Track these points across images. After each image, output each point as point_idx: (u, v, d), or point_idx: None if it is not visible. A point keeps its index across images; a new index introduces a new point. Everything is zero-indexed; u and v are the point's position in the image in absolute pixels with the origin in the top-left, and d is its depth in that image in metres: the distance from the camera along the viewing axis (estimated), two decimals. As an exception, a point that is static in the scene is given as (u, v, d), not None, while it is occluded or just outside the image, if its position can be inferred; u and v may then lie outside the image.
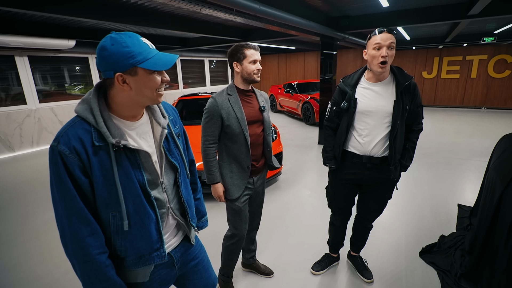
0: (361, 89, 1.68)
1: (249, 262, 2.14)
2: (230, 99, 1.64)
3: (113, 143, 0.83)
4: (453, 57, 9.48)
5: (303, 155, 5.13)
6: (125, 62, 0.80)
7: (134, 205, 0.90)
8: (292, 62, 12.42)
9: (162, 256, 0.98)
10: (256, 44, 1.63)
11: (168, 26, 4.49)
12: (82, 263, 0.84)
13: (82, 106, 0.85)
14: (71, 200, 0.81)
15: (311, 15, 4.25)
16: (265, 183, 1.95)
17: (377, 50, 1.52)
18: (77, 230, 0.82)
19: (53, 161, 0.80)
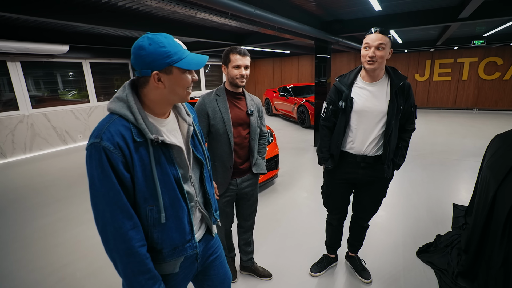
0: (357, 88, 1.70)
1: (247, 264, 2.14)
2: (217, 100, 1.71)
3: (152, 139, 0.87)
4: (445, 60, 9.66)
5: (299, 158, 5.14)
6: (162, 61, 0.84)
7: (170, 198, 0.94)
8: (287, 66, 12.51)
9: (194, 246, 1.03)
10: (244, 49, 1.66)
11: (163, 30, 4.48)
12: (124, 256, 0.86)
13: (118, 104, 0.88)
14: (115, 195, 0.84)
15: (305, 19, 4.30)
16: (256, 186, 1.94)
17: (366, 50, 1.56)
18: (121, 224, 0.84)
19: (95, 158, 0.82)
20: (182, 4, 2.42)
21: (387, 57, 1.57)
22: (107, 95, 7.62)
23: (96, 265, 2.36)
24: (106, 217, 0.85)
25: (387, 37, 1.53)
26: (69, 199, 3.69)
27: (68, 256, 2.49)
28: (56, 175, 4.71)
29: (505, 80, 9.00)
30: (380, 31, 1.53)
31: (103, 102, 7.45)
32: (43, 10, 3.09)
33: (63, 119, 6.55)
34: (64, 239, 2.77)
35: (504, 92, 9.11)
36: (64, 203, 3.56)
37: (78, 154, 6.02)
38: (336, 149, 1.77)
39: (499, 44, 8.40)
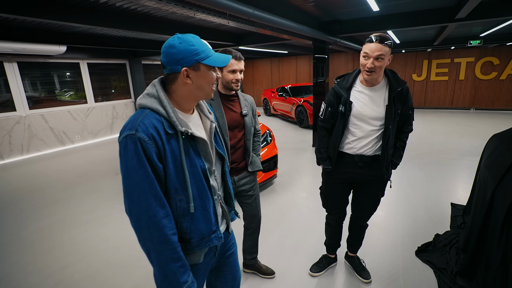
0: (355, 92, 1.70)
1: (251, 263, 2.16)
2: (212, 104, 1.69)
3: (182, 131, 0.93)
4: (442, 59, 9.71)
5: (298, 158, 5.15)
6: (191, 58, 0.91)
7: (198, 189, 0.99)
8: (285, 66, 12.52)
9: (219, 237, 1.08)
10: (239, 53, 1.65)
11: (160, 31, 4.48)
12: (158, 244, 0.89)
13: (149, 99, 0.94)
14: (150, 184, 0.88)
15: (303, 19, 4.30)
16: (254, 183, 1.94)
17: (365, 59, 1.54)
18: (155, 212, 0.88)
19: (131, 148, 0.86)
20: (180, 4, 2.42)
21: (386, 64, 1.55)
22: (105, 96, 7.59)
23: (95, 267, 2.35)
24: (141, 206, 0.88)
25: (387, 46, 1.49)
26: (67, 200, 3.67)
27: (67, 258, 2.48)
28: (53, 176, 4.69)
29: (502, 79, 9.07)
30: (380, 40, 1.47)
31: (100, 102, 7.42)
32: (39, 10, 3.07)
33: (61, 120, 6.52)
34: (62, 241, 2.75)
35: (500, 92, 9.18)
36: (62, 205, 3.54)
37: (76, 155, 6.00)
38: (334, 151, 1.78)
39: (495, 44, 8.46)
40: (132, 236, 2.75)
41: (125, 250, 2.56)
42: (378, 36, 1.50)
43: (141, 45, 6.35)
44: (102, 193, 3.87)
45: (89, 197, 3.75)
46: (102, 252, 2.55)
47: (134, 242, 2.66)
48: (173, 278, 0.93)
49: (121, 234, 2.82)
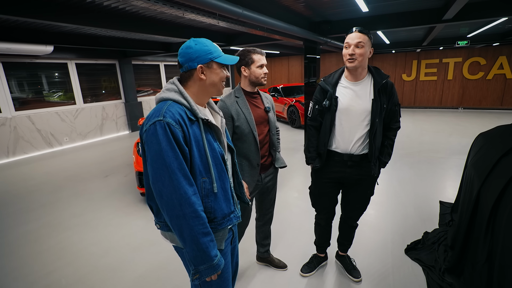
0: (341, 88, 1.73)
1: (264, 256, 2.24)
2: (238, 101, 1.74)
3: (202, 118, 1.05)
4: (430, 60, 9.88)
5: (290, 158, 5.16)
6: (205, 57, 1.06)
7: (218, 171, 1.09)
8: (277, 66, 12.54)
9: (237, 216, 1.18)
10: (261, 50, 1.71)
11: (150, 31, 4.43)
12: (191, 219, 0.96)
13: (171, 93, 1.05)
14: (180, 164, 0.96)
15: (294, 20, 4.31)
16: (276, 180, 2.04)
17: (346, 49, 1.61)
18: (186, 189, 0.96)
19: (160, 132, 0.94)
20: (169, 4, 2.39)
21: (368, 56, 1.62)
22: (95, 96, 7.46)
23: (83, 271, 2.30)
24: (172, 185, 0.95)
25: (367, 36, 1.58)
26: (54, 204, 3.59)
27: (53, 263, 2.42)
28: (40, 179, 4.58)
29: (488, 79, 9.27)
30: (359, 30, 1.58)
31: (90, 103, 7.29)
32: (23, 9, 2.99)
33: (48, 122, 6.38)
34: (49, 245, 2.69)
35: (487, 91, 9.39)
36: (49, 208, 3.46)
37: (64, 157, 5.87)
38: (323, 148, 1.79)
39: (482, 45, 8.66)
40: (121, 240, 2.71)
41: (114, 253, 2.51)
42: (358, 27, 1.60)
43: (131, 45, 6.26)
44: (91, 196, 3.80)
45: (78, 200, 3.67)
46: (90, 256, 2.50)
47: (122, 245, 2.62)
48: (205, 251, 0.99)
49: (110, 237, 2.77)
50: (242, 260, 2.33)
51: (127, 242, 2.66)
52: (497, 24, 5.93)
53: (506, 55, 8.87)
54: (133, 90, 8.22)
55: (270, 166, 1.92)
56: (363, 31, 1.58)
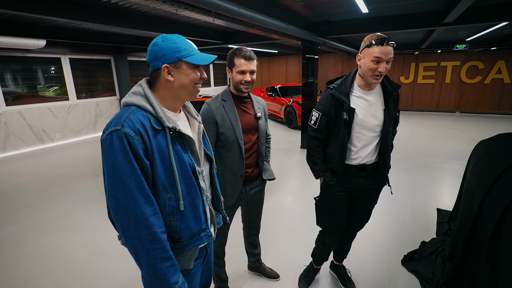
0: (354, 98, 1.58)
1: (255, 265, 2.16)
2: (224, 105, 1.60)
3: (169, 127, 0.93)
4: (428, 63, 9.85)
5: (286, 160, 5.08)
6: (172, 55, 0.93)
7: (187, 186, 0.98)
8: (275, 66, 12.44)
9: (209, 235, 1.07)
10: (250, 52, 1.54)
11: (144, 27, 4.31)
12: (147, 243, 0.86)
13: (136, 97, 0.94)
14: (137, 180, 0.85)
15: (292, 19, 4.22)
16: (263, 191, 1.92)
17: (376, 64, 1.41)
18: (143, 209, 0.85)
19: (117, 144, 0.84)
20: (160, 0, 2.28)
21: None
22: (89, 92, 7.32)
23: (66, 278, 2.20)
24: (128, 204, 0.85)
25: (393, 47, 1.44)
26: (41, 204, 3.47)
27: (35, 269, 2.31)
28: (29, 177, 4.45)
29: (486, 84, 9.27)
30: (388, 41, 1.39)
31: (83, 99, 7.14)
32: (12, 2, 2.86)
33: (40, 117, 6.22)
34: (32, 249, 2.58)
35: (484, 96, 9.39)
36: (35, 209, 3.35)
37: (56, 154, 5.74)
38: (339, 164, 1.62)
39: (480, 49, 8.64)
40: (108, 244, 2.60)
41: (100, 259, 2.41)
42: (387, 37, 1.39)
43: (127, 41, 6.13)
44: (80, 196, 3.69)
45: (65, 200, 3.56)
46: (75, 261, 2.40)
47: (109, 250, 2.52)
48: (163, 278, 0.89)
49: (96, 241, 2.66)
50: (233, 268, 2.25)
51: (114, 246, 2.56)
52: (496, 29, 5.89)
53: (504, 60, 8.87)
54: (128, 86, 8.07)
55: (257, 177, 1.79)
56: (392, 44, 1.41)
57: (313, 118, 1.66)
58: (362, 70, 1.48)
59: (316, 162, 1.69)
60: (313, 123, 1.66)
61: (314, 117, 1.66)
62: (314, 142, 1.69)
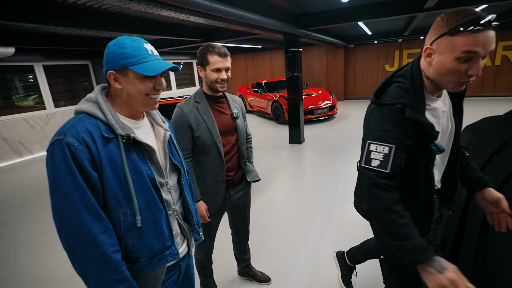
0: (429, 111, 1.02)
1: (245, 270, 2.10)
2: (198, 107, 1.50)
3: (122, 135, 0.85)
4: (412, 49, 9.90)
5: (275, 156, 5.00)
6: (118, 62, 0.85)
7: (145, 200, 0.89)
8: (260, 61, 12.31)
9: (174, 253, 0.97)
10: (224, 49, 1.44)
11: (118, 28, 4.12)
12: (96, 264, 0.78)
13: (87, 104, 0.87)
14: (81, 195, 0.77)
15: (271, 12, 4.10)
16: (249, 195, 1.84)
17: (464, 63, 0.86)
18: (89, 227, 0.77)
19: (58, 155, 0.77)
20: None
21: None
22: (70, 100, 7.04)
23: (45, 300, 2.06)
24: (72, 222, 0.77)
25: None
26: (20, 221, 3.29)
27: (12, 293, 2.17)
28: (6, 193, 4.23)
29: (468, 67, 9.38)
30: (493, 27, 0.82)
31: (62, 108, 6.87)
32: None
33: (15, 129, 5.94)
34: (10, 271, 2.43)
35: (467, 79, 9.50)
36: (13, 227, 3.17)
37: (35, 167, 5.50)
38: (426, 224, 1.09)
39: (461, 33, 8.70)
40: (91, 259, 2.47)
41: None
42: (484, 15, 0.82)
43: (104, 44, 5.90)
44: (61, 209, 3.52)
45: (46, 215, 3.38)
46: (55, 280, 2.26)
47: (92, 266, 2.39)
48: None
49: (78, 257, 2.53)
50: (223, 275, 2.16)
51: (97, 262, 2.43)
52: (476, 12, 5.92)
53: (484, 43, 8.98)
54: (109, 91, 7.83)
55: (240, 180, 1.70)
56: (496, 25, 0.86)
57: (377, 156, 0.98)
58: (437, 73, 0.94)
59: (404, 232, 0.90)
60: (378, 164, 0.97)
61: (379, 154, 0.97)
62: (387, 195, 0.95)
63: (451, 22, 0.86)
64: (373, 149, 0.99)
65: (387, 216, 0.93)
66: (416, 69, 1.02)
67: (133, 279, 0.86)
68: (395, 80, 1.05)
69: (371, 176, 0.98)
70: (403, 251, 0.89)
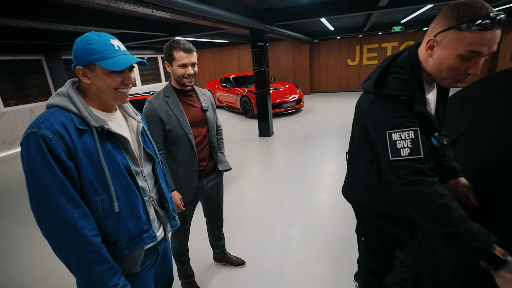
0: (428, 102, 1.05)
1: (220, 256, 2.20)
2: (168, 101, 1.56)
3: (96, 126, 0.88)
4: (371, 45, 10.53)
5: (245, 149, 5.12)
6: (85, 58, 0.88)
7: (122, 187, 0.94)
8: (227, 56, 12.28)
9: (152, 236, 1.03)
10: (190, 44, 1.50)
11: (75, 21, 3.92)
12: (77, 247, 0.83)
13: (58, 98, 0.90)
14: (59, 184, 0.81)
15: (237, 8, 4.16)
16: (221, 183, 1.93)
17: (465, 61, 0.85)
18: (69, 213, 0.82)
19: (33, 147, 0.80)
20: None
21: None
22: (21, 98, 6.51)
23: (13, 305, 1.99)
24: (51, 210, 0.81)
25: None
26: (-25, 229, 3.06)
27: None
28: (-45, 201, 3.87)
29: (420, 61, 10.21)
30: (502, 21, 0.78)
31: (13, 107, 6.34)
32: None
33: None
34: (-32, 280, 2.28)
35: (420, 72, 10.35)
36: (-33, 235, 2.94)
37: (-13, 172, 5.06)
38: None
39: (414, 30, 9.44)
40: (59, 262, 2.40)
41: (53, 277, 2.23)
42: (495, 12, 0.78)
43: (59, 38, 5.53)
44: (21, 214, 3.32)
45: (4, 221, 3.19)
46: (23, 285, 2.18)
47: (62, 267, 2.33)
48: (99, 283, 0.86)
49: (45, 260, 2.44)
50: (199, 263, 2.24)
51: (68, 262, 2.38)
52: (426, 11, 6.47)
53: (433, 39, 9.82)
54: (67, 88, 7.34)
55: (213, 170, 1.79)
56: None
57: (405, 144, 0.92)
58: (436, 67, 0.92)
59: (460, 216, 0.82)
60: (409, 152, 0.91)
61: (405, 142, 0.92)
62: (432, 180, 0.88)
63: (461, 15, 0.80)
64: (396, 138, 0.92)
65: (437, 202, 0.84)
66: (415, 60, 0.99)
67: (115, 260, 0.92)
68: (393, 70, 1.02)
69: (405, 165, 0.90)
70: (467, 237, 0.78)
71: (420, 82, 0.98)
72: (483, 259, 0.77)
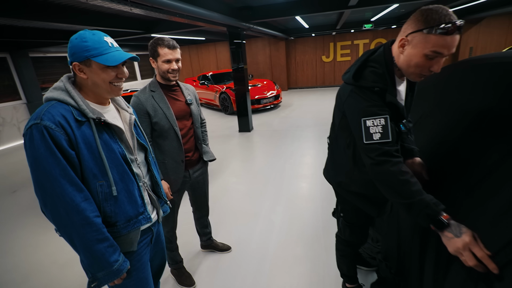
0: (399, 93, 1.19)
1: (207, 243, 2.31)
2: (154, 96, 1.65)
3: (93, 118, 0.96)
4: (344, 42, 10.94)
5: (226, 145, 5.22)
6: (81, 54, 0.94)
7: (119, 173, 1.02)
8: (204, 53, 12.22)
9: (147, 218, 1.12)
10: (173, 41, 1.60)
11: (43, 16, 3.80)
12: (80, 227, 0.91)
13: (56, 92, 0.96)
14: (62, 170, 0.89)
15: (214, 6, 4.23)
16: (206, 173, 2.04)
17: (429, 60, 0.98)
18: (72, 197, 0.90)
19: (37, 137, 0.87)
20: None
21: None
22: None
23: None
24: (55, 194, 0.88)
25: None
26: None
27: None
28: None
29: (389, 58, 10.76)
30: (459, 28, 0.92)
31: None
32: None
33: None
34: None
35: (389, 68, 10.91)
36: None
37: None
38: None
39: (383, 27, 9.95)
40: (45, 259, 2.41)
41: (38, 275, 2.23)
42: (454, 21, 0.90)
43: (26, 35, 5.29)
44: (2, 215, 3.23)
45: (-21, 224, 3.08)
46: (7, 284, 2.17)
47: (48, 264, 2.34)
48: (101, 258, 0.95)
49: (29, 259, 2.43)
50: (187, 251, 2.34)
51: (53, 259, 2.38)
52: (393, 10, 6.87)
53: (400, 36, 10.40)
54: (36, 87, 7.03)
55: (198, 160, 1.90)
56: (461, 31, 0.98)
57: (376, 130, 1.06)
58: (405, 63, 1.06)
59: (418, 189, 0.99)
60: (380, 136, 1.05)
61: (377, 128, 1.06)
62: (398, 160, 1.04)
63: (429, 20, 0.93)
64: (370, 124, 1.07)
65: (400, 178, 1.00)
66: (388, 56, 1.13)
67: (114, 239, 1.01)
68: (370, 64, 1.15)
69: (376, 148, 1.05)
70: (421, 205, 0.95)
71: (392, 75, 1.11)
72: (432, 223, 0.94)
